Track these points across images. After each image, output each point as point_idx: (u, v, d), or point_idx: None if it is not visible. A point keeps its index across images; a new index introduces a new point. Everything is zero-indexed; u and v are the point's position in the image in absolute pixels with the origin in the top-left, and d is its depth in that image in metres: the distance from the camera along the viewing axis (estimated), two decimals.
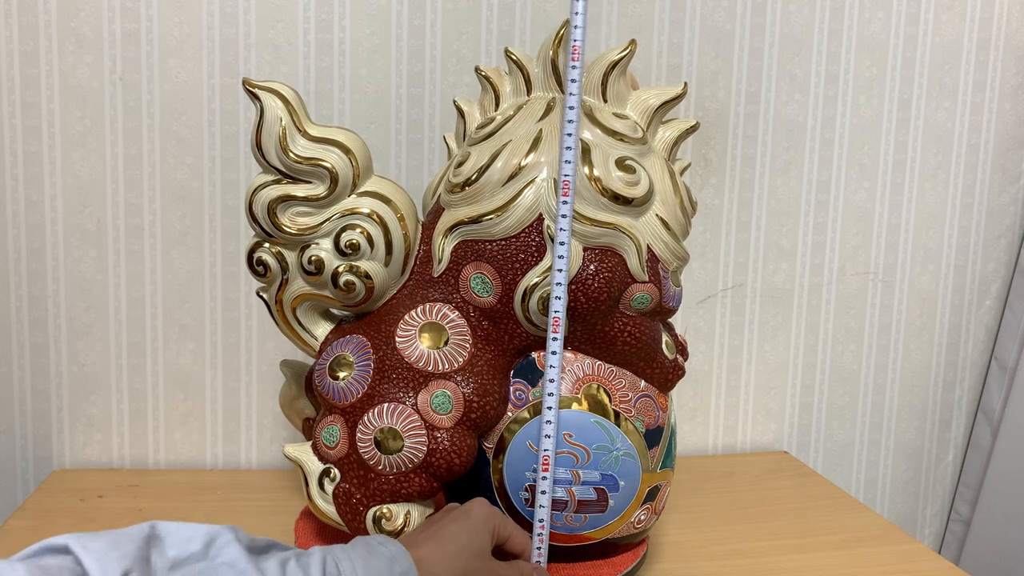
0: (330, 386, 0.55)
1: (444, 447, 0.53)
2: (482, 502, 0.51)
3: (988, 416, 1.00)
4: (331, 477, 0.55)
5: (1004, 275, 0.99)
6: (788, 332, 0.95)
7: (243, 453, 0.86)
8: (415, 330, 0.55)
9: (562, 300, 0.52)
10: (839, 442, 0.99)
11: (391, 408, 0.53)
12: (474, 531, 0.48)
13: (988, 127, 0.95)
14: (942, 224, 0.96)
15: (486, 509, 0.50)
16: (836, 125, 0.92)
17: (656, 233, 0.55)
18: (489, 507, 0.51)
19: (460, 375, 0.54)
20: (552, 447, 0.53)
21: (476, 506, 0.50)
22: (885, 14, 0.90)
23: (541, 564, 0.53)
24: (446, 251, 0.56)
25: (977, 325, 1.00)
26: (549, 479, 0.53)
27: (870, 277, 0.96)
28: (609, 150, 0.54)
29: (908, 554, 0.69)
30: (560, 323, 0.52)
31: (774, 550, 0.69)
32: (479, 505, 0.51)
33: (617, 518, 0.56)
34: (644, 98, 0.57)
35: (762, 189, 0.91)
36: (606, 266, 0.54)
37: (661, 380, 0.59)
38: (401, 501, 0.54)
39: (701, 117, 0.88)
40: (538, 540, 0.53)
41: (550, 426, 0.53)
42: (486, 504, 0.51)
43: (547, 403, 0.53)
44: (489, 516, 0.50)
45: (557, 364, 0.53)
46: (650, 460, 0.57)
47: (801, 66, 0.89)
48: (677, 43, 0.87)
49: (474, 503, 0.51)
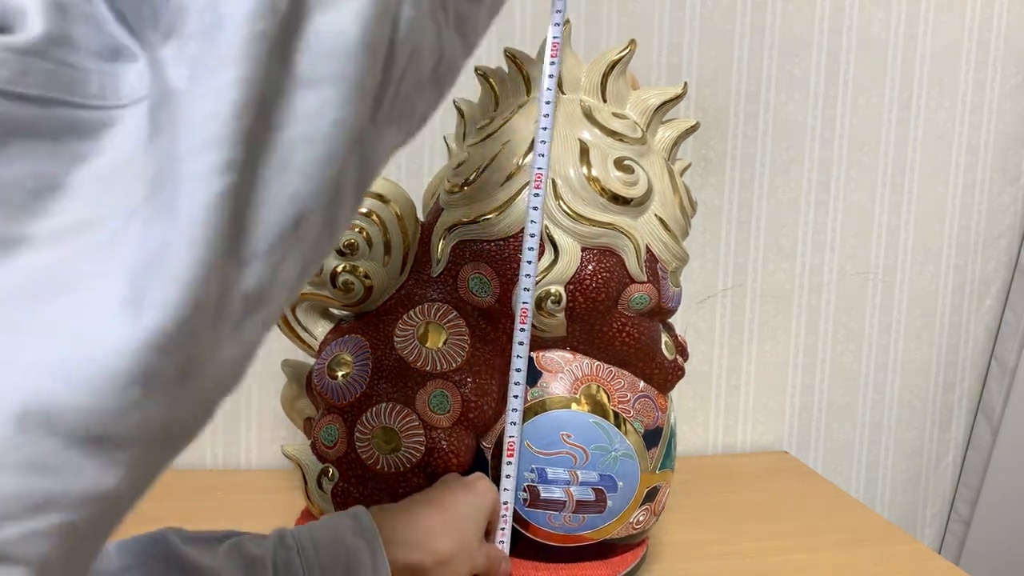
0: (329, 385, 0.55)
1: (442, 447, 0.53)
2: (484, 478, 0.51)
3: (988, 416, 0.99)
4: (329, 476, 0.55)
5: (1004, 275, 0.99)
6: (788, 332, 0.95)
7: (243, 453, 0.86)
8: (413, 330, 0.55)
9: (531, 292, 0.52)
10: (839, 442, 0.99)
11: (389, 408, 0.53)
12: (475, 506, 0.49)
13: (988, 127, 0.95)
14: (942, 224, 0.96)
15: (489, 486, 0.51)
16: (836, 125, 0.91)
17: (655, 233, 0.55)
18: (491, 485, 0.51)
19: (458, 375, 0.54)
20: (518, 434, 0.53)
21: (480, 481, 0.50)
22: (885, 14, 0.90)
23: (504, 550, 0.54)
24: (445, 251, 0.56)
25: (977, 325, 1.00)
26: (514, 464, 0.53)
27: (870, 277, 0.96)
28: (608, 150, 0.54)
29: (908, 554, 0.69)
30: (528, 314, 0.53)
31: (774, 550, 0.68)
32: (483, 481, 0.51)
33: (615, 519, 0.56)
34: (644, 98, 0.57)
35: (762, 189, 0.91)
36: (604, 266, 0.54)
37: (660, 381, 0.59)
38: (399, 500, 0.54)
39: (701, 117, 0.87)
40: (502, 521, 0.53)
41: (516, 414, 0.53)
42: (488, 481, 0.51)
43: (513, 392, 0.53)
44: (491, 494, 0.50)
45: (524, 355, 0.53)
46: (649, 461, 0.57)
47: (801, 66, 0.89)
48: (677, 43, 0.86)
49: (478, 478, 0.51)
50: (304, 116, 0.22)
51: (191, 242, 0.19)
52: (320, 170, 0.22)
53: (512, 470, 0.53)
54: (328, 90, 0.22)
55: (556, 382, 0.55)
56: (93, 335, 0.18)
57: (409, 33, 0.25)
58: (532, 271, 0.52)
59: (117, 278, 0.19)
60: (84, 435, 0.18)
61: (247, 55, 0.20)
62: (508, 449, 0.53)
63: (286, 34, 0.22)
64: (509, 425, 0.53)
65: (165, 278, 0.19)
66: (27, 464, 0.17)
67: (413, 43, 0.26)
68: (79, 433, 0.18)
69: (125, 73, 0.22)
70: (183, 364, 0.19)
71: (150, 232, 0.19)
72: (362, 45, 0.23)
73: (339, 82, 0.22)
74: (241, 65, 0.20)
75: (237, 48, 0.20)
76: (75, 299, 0.19)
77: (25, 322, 0.18)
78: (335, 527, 0.44)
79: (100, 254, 0.20)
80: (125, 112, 0.21)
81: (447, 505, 0.47)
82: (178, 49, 0.21)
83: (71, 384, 0.18)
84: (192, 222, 0.19)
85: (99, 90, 0.21)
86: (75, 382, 0.18)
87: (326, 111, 0.22)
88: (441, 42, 0.29)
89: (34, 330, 0.18)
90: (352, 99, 0.23)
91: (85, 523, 0.19)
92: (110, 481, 0.19)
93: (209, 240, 0.19)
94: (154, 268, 0.19)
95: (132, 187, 0.20)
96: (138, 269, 0.19)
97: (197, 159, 0.20)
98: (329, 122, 0.22)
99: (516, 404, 0.53)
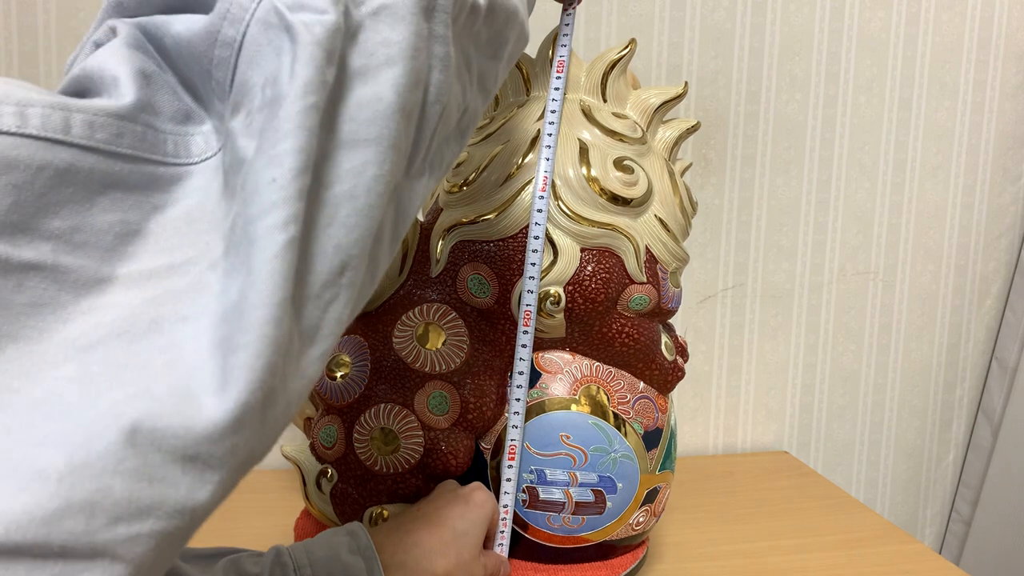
0: (327, 386, 0.55)
1: (441, 448, 0.53)
2: (482, 488, 0.50)
3: (989, 416, 0.99)
4: (328, 477, 0.55)
5: (1005, 275, 0.99)
6: (788, 332, 0.95)
7: None
8: (412, 331, 0.55)
9: (534, 294, 0.52)
10: (839, 442, 0.99)
11: (388, 409, 0.53)
12: (472, 522, 0.48)
13: (989, 127, 0.95)
14: (942, 224, 0.96)
15: (486, 496, 0.50)
16: (836, 125, 0.91)
17: (655, 234, 0.55)
18: (488, 495, 0.50)
19: (457, 376, 0.54)
20: (519, 436, 0.53)
21: (476, 492, 0.50)
22: (885, 14, 0.90)
23: (503, 554, 0.53)
24: (444, 252, 0.56)
25: (978, 325, 1.00)
26: (515, 467, 0.53)
27: (870, 277, 0.96)
28: (607, 150, 0.54)
29: (908, 554, 0.69)
30: (532, 316, 0.52)
31: (774, 550, 0.68)
32: (480, 492, 0.50)
33: (615, 520, 0.56)
34: (644, 98, 0.57)
35: (762, 189, 0.91)
36: (604, 267, 0.53)
37: (660, 381, 0.59)
38: (398, 502, 0.54)
39: (701, 117, 0.87)
40: (501, 524, 0.53)
41: (517, 417, 0.53)
42: (485, 491, 0.50)
43: (515, 394, 0.53)
44: (488, 505, 0.49)
45: (527, 357, 0.53)
46: (649, 462, 0.57)
47: (801, 66, 0.89)
48: (677, 43, 0.86)
49: (474, 489, 0.50)
50: (347, 175, 0.25)
51: (265, 290, 0.22)
52: (361, 221, 0.25)
53: (513, 472, 0.53)
54: (368, 151, 0.26)
55: (555, 383, 0.55)
56: (187, 374, 0.21)
57: (438, 95, 0.29)
58: (536, 273, 0.52)
59: (205, 323, 0.22)
60: (182, 453, 0.20)
61: (301, 126, 0.23)
62: (509, 451, 0.53)
63: (332, 104, 0.25)
64: (511, 428, 0.53)
65: (247, 325, 0.22)
66: (136, 474, 0.20)
67: (442, 103, 0.29)
68: (178, 451, 0.20)
69: (194, 134, 0.26)
70: (266, 398, 0.22)
71: (230, 284, 0.23)
72: (397, 109, 0.26)
73: (377, 143, 0.26)
74: (297, 136, 0.23)
75: (293, 120, 0.23)
76: (166, 340, 0.22)
77: (124, 355, 0.21)
78: (332, 544, 0.44)
79: (185, 300, 0.23)
80: (194, 168, 0.25)
81: (443, 522, 0.46)
82: (245, 121, 0.24)
83: (173, 415, 0.20)
84: (264, 273, 0.22)
85: (174, 149, 0.25)
86: (177, 414, 0.20)
87: (366, 169, 0.25)
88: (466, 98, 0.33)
89: (132, 363, 0.21)
90: (389, 157, 0.26)
91: (177, 531, 0.21)
92: (201, 496, 0.21)
93: (278, 287, 0.22)
94: (236, 317, 0.22)
95: (210, 240, 0.24)
96: (221, 317, 0.22)
97: (265, 220, 0.23)
98: (369, 179, 0.26)
99: (518, 407, 0.53)
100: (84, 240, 0.23)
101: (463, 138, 0.34)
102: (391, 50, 0.26)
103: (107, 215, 0.23)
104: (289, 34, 0.24)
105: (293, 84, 0.23)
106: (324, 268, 0.25)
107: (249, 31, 0.25)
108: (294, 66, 0.24)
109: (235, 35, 0.25)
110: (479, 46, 0.33)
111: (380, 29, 0.26)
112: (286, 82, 0.24)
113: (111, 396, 0.20)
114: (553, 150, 0.52)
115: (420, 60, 0.27)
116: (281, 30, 0.24)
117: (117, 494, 0.19)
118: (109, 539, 0.19)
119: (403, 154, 0.28)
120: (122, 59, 0.25)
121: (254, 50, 0.25)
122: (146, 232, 0.24)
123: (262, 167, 0.23)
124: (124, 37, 0.26)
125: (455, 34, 0.30)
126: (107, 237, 0.23)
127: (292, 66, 0.24)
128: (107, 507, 0.19)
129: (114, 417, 0.20)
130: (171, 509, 0.20)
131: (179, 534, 0.21)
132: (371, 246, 0.27)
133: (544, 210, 0.51)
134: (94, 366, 0.21)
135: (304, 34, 0.24)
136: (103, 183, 0.23)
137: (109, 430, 0.20)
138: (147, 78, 0.25)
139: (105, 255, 0.23)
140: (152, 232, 0.24)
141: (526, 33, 0.37)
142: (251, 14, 0.25)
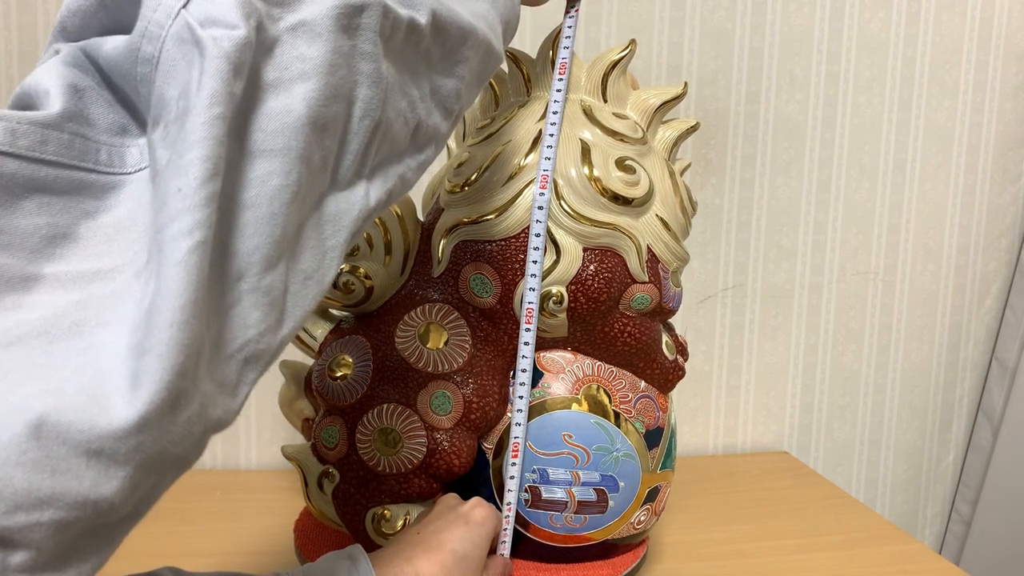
0: (329, 387, 0.55)
1: (443, 448, 0.53)
2: (482, 504, 0.49)
3: (989, 416, 0.99)
4: (330, 478, 0.55)
5: (1005, 275, 0.99)
6: (788, 332, 0.95)
7: (242, 453, 0.86)
8: (414, 330, 0.55)
9: (536, 293, 0.52)
10: (839, 442, 0.99)
11: (390, 409, 0.53)
12: (472, 543, 0.46)
13: (988, 127, 0.95)
14: (942, 224, 0.96)
15: (487, 513, 0.49)
16: (836, 125, 0.91)
17: (656, 233, 0.55)
18: (489, 511, 0.49)
19: (459, 376, 0.54)
20: (522, 435, 0.53)
21: (477, 510, 0.48)
22: (885, 14, 0.90)
23: (505, 555, 0.52)
24: (446, 252, 0.56)
25: (978, 325, 1.00)
26: (519, 465, 0.53)
27: (870, 277, 0.96)
28: (609, 150, 0.54)
29: (908, 554, 0.69)
30: (534, 315, 0.52)
31: (774, 550, 0.68)
32: (480, 509, 0.49)
33: (617, 519, 0.56)
34: (644, 98, 0.57)
35: (762, 189, 0.91)
36: (606, 266, 0.54)
37: (661, 381, 0.59)
38: (400, 502, 0.54)
39: (701, 117, 0.87)
40: (504, 523, 0.52)
41: (521, 415, 0.53)
42: (486, 507, 0.49)
43: (518, 392, 0.53)
44: (490, 522, 0.48)
45: (530, 355, 0.53)
46: (650, 461, 0.57)
47: (801, 66, 0.89)
48: (677, 43, 0.86)
49: (474, 506, 0.49)
50: (252, 183, 0.26)
51: (171, 295, 0.23)
52: (262, 228, 0.26)
53: (516, 471, 0.53)
54: (274, 161, 0.26)
55: (557, 382, 0.55)
56: (101, 376, 0.22)
57: (367, 111, 0.30)
58: (538, 271, 0.52)
59: (124, 328, 0.23)
60: (87, 448, 0.21)
61: (208, 136, 0.24)
62: (513, 450, 0.53)
63: (242, 115, 0.26)
64: (514, 426, 0.53)
65: (155, 329, 0.22)
66: (38, 465, 0.20)
67: (373, 119, 0.30)
68: (83, 446, 0.21)
69: (130, 146, 0.27)
70: (174, 400, 0.23)
71: (146, 290, 0.23)
72: (307, 122, 0.27)
73: (284, 154, 0.26)
74: (203, 145, 0.24)
75: (199, 131, 0.24)
76: (86, 342, 0.23)
77: (41, 355, 0.22)
78: (331, 570, 0.43)
79: (108, 305, 0.24)
80: (128, 178, 0.26)
81: (443, 546, 0.45)
82: (163, 133, 0.25)
83: (80, 411, 0.21)
84: (169, 279, 0.23)
85: (108, 159, 0.26)
86: (84, 410, 0.21)
87: (271, 179, 0.26)
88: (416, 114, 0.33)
89: (49, 363, 0.22)
90: (296, 168, 0.27)
91: (79, 521, 0.21)
92: (106, 490, 0.22)
93: (183, 291, 0.23)
94: (147, 322, 0.22)
95: (138, 249, 0.25)
96: (137, 322, 0.23)
97: (171, 227, 0.23)
98: (273, 188, 0.26)
99: (521, 405, 0.53)
100: (8, 241, 0.24)
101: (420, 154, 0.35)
102: (306, 65, 0.27)
103: (33, 217, 0.24)
104: (199, 48, 0.25)
105: (200, 96, 0.24)
106: (242, 269, 0.26)
107: (165, 47, 0.25)
108: (202, 79, 0.24)
109: (153, 52, 0.26)
110: (431, 64, 0.34)
111: (297, 44, 0.27)
112: (194, 94, 0.24)
113: (22, 391, 0.21)
114: (555, 150, 0.52)
115: (338, 76, 0.28)
116: (192, 45, 0.25)
117: (17, 483, 0.20)
118: (8, 526, 0.20)
119: (319, 166, 0.28)
120: (55, 75, 0.26)
121: (169, 65, 0.25)
122: (76, 236, 0.25)
123: (170, 176, 0.24)
124: (62, 56, 0.27)
125: (390, 51, 0.31)
126: (33, 239, 0.24)
127: (200, 79, 0.24)
128: (6, 496, 0.20)
129: (21, 411, 0.21)
130: (73, 500, 0.21)
131: (84, 524, 0.22)
132: (288, 250, 0.27)
133: (545, 209, 0.51)
134: (10, 363, 0.22)
135: (212, 48, 0.24)
136: (26, 187, 0.24)
137: (15, 423, 0.20)
138: (79, 91, 0.26)
139: (31, 255, 0.24)
140: (83, 236, 0.25)
141: (496, 52, 0.37)
142: (166, 31, 0.25)
